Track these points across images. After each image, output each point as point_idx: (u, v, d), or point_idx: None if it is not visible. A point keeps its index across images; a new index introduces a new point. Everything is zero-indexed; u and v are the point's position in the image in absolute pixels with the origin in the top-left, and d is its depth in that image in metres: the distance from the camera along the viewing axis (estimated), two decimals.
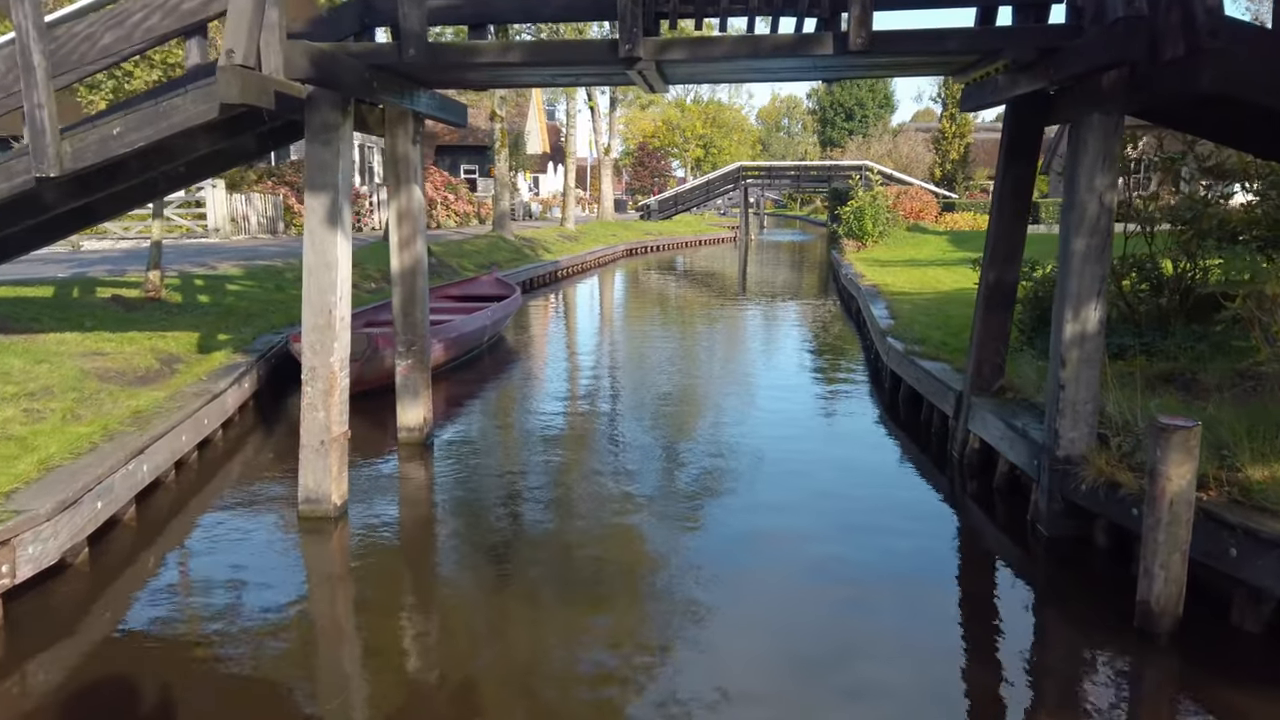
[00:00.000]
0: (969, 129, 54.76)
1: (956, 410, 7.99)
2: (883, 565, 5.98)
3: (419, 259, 8.04)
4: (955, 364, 9.15)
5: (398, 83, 7.09)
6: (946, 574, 6.01)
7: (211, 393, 8.04)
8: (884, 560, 6.06)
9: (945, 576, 5.96)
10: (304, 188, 6.28)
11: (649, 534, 6.35)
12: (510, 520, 6.72)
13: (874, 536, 6.49)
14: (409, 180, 7.88)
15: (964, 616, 5.37)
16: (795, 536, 6.45)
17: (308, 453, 6.32)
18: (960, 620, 5.31)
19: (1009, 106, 7.46)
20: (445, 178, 38.10)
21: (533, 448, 8.68)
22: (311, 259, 6.29)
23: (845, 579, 5.75)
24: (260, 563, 5.83)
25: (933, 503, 7.43)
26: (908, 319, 12.38)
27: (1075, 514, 5.94)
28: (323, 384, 6.30)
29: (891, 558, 6.09)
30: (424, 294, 8.16)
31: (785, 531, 6.56)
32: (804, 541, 6.35)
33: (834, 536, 6.47)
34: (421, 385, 8.20)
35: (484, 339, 13.32)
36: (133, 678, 4.44)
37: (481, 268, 21.97)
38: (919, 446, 8.80)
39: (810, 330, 17.30)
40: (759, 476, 7.77)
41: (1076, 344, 5.91)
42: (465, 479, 7.71)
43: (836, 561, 6.02)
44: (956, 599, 5.60)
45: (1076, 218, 5.85)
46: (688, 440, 8.96)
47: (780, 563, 6.00)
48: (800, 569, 5.91)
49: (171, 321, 10.52)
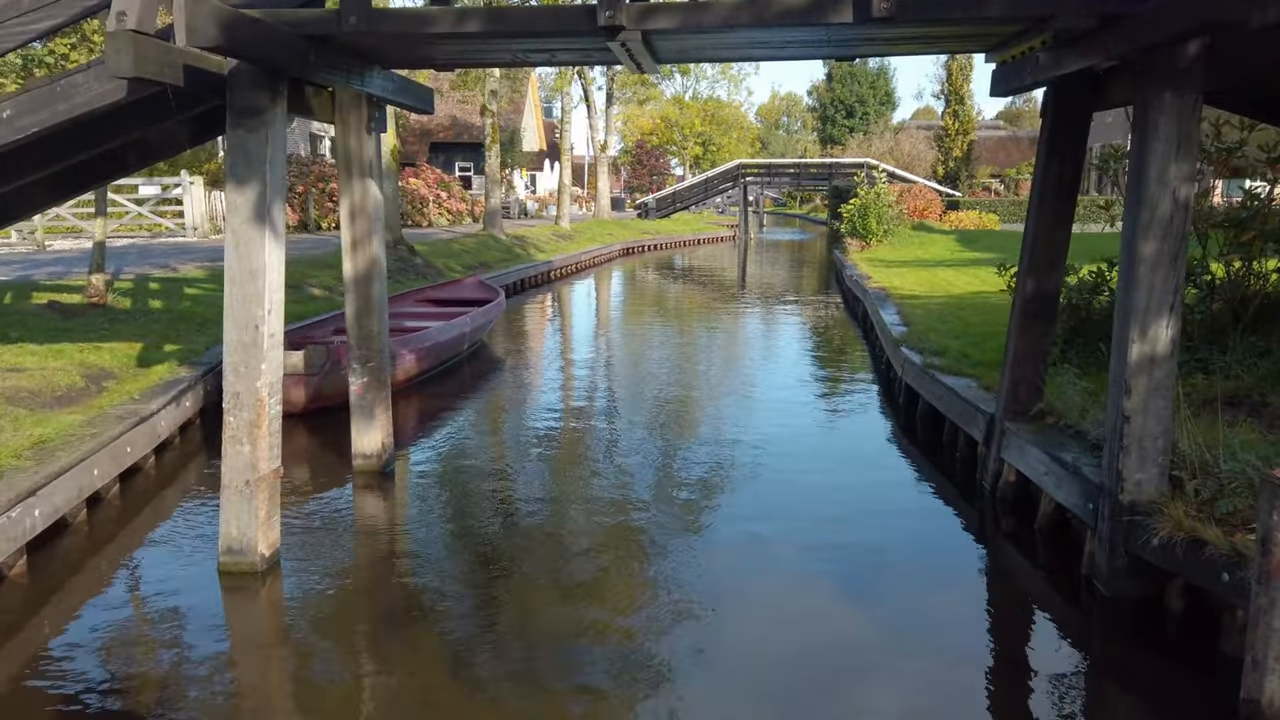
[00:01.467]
0: (972, 126, 53.79)
1: (988, 435, 7.02)
2: (905, 619, 5.05)
3: (375, 263, 7.06)
4: (982, 380, 8.17)
5: (344, 60, 6.11)
6: (981, 636, 5.04)
7: (139, 415, 7.06)
8: (906, 613, 5.11)
9: (980, 639, 4.99)
10: (226, 181, 5.31)
11: (642, 601, 5.37)
12: (479, 574, 5.71)
13: (894, 581, 5.59)
14: (363, 173, 6.90)
15: (1007, 694, 4.40)
16: (803, 578, 5.55)
17: (230, 495, 5.34)
18: (1003, 699, 4.35)
19: (1051, 89, 6.49)
20: (438, 175, 37.13)
21: (511, 477, 7.69)
22: (234, 265, 5.31)
23: (860, 639, 4.82)
24: (166, 632, 4.85)
25: (961, 542, 6.46)
26: (922, 326, 11.40)
27: (1142, 571, 4.96)
28: (248, 413, 5.32)
29: (915, 609, 5.15)
30: (381, 302, 7.18)
31: (792, 570, 5.65)
32: (812, 584, 5.41)
33: (847, 581, 5.56)
34: (379, 406, 7.22)
35: (463, 347, 12.34)
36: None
37: (470, 268, 20.99)
38: (941, 472, 7.83)
39: (814, 336, 16.32)
40: (763, 503, 6.81)
41: (1145, 368, 4.94)
42: (428, 517, 6.71)
43: (850, 614, 5.08)
44: (996, 668, 4.64)
45: (1145, 217, 4.87)
46: (684, 462, 7.96)
47: (786, 613, 5.03)
48: (808, 620, 4.96)
49: (113, 330, 9.53)
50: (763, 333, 16.91)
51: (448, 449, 8.57)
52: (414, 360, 10.47)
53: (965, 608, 5.35)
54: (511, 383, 11.87)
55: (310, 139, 32.36)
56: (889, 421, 9.65)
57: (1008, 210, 39.07)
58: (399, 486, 7.22)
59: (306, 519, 6.41)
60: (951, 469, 7.85)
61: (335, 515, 6.65)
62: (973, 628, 5.13)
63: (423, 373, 10.95)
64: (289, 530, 5.89)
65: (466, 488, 7.38)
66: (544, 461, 8.12)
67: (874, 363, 12.71)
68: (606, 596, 5.28)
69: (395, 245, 19.43)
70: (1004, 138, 64.85)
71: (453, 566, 5.82)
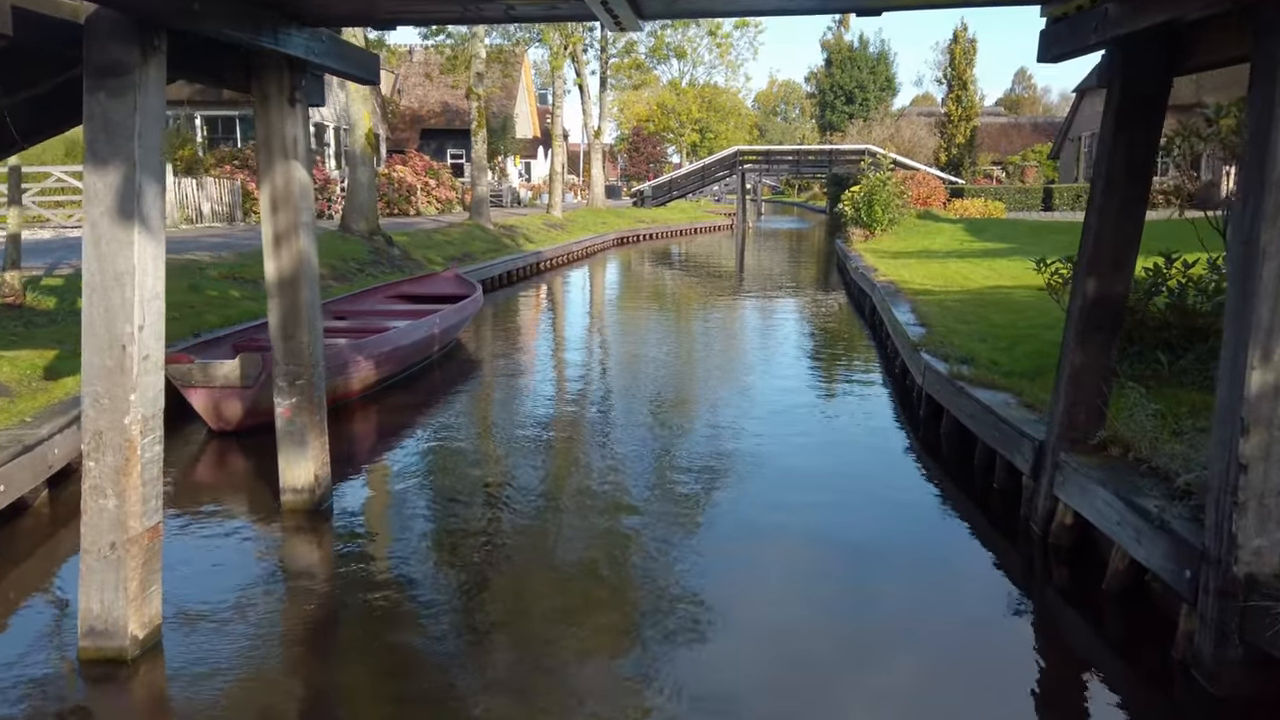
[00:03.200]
0: (975, 111, 52.62)
1: (1036, 466, 5.88)
2: (940, 701, 3.92)
3: (303, 262, 5.88)
4: (1021, 395, 7.03)
5: (248, 11, 4.92)
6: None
7: (23, 443, 5.90)
8: (942, 690, 3.98)
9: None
10: (84, 161, 4.14)
11: (630, 675, 4.23)
12: (430, 653, 4.56)
13: (924, 646, 4.50)
14: (286, 155, 5.72)
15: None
16: (813, 635, 4.45)
17: (91, 562, 4.18)
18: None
19: (1117, 51, 5.33)
20: (426, 162, 35.81)
21: (473, 516, 6.51)
22: (93, 269, 4.14)
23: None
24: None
25: (1005, 598, 5.34)
26: (941, 327, 10.25)
27: (1265, 666, 3.84)
28: (114, 457, 4.16)
29: (953, 688, 4.02)
30: (311, 308, 6.00)
31: (802, 624, 4.54)
32: (822, 651, 4.27)
33: (869, 638, 4.52)
34: (312, 430, 6.06)
35: (433, 349, 11.18)
36: None
37: (453, 260, 19.82)
38: (974, 502, 6.72)
39: (818, 336, 15.17)
40: (769, 537, 5.68)
41: (1268, 403, 3.79)
42: (366, 572, 5.51)
43: (875, 686, 3.95)
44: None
45: (1271, 205, 3.72)
46: (676, 488, 6.81)
47: (792, 690, 3.90)
48: (819, 704, 3.84)
49: (24, 336, 8.35)
50: (764, 333, 15.76)
51: (400, 476, 7.38)
52: (372, 367, 9.32)
53: (1016, 691, 4.21)
54: (485, 390, 10.71)
55: None
56: (905, 434, 8.53)
57: (1013, 198, 37.87)
58: (334, 530, 6.06)
59: (205, 581, 5.20)
60: (985, 498, 6.73)
61: (244, 573, 5.41)
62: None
63: (383, 380, 9.79)
64: (177, 600, 4.71)
65: (420, 527, 6.21)
66: (514, 491, 6.96)
67: (884, 364, 11.57)
68: (592, 677, 4.15)
69: (371, 236, 18.26)
70: (1005, 124, 63.58)
71: (400, 647, 4.61)
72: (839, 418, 9.40)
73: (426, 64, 45.48)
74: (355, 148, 17.88)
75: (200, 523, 6.14)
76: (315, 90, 6.27)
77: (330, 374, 8.48)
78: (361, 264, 16.39)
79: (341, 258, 16.13)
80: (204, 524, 6.14)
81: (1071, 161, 46.65)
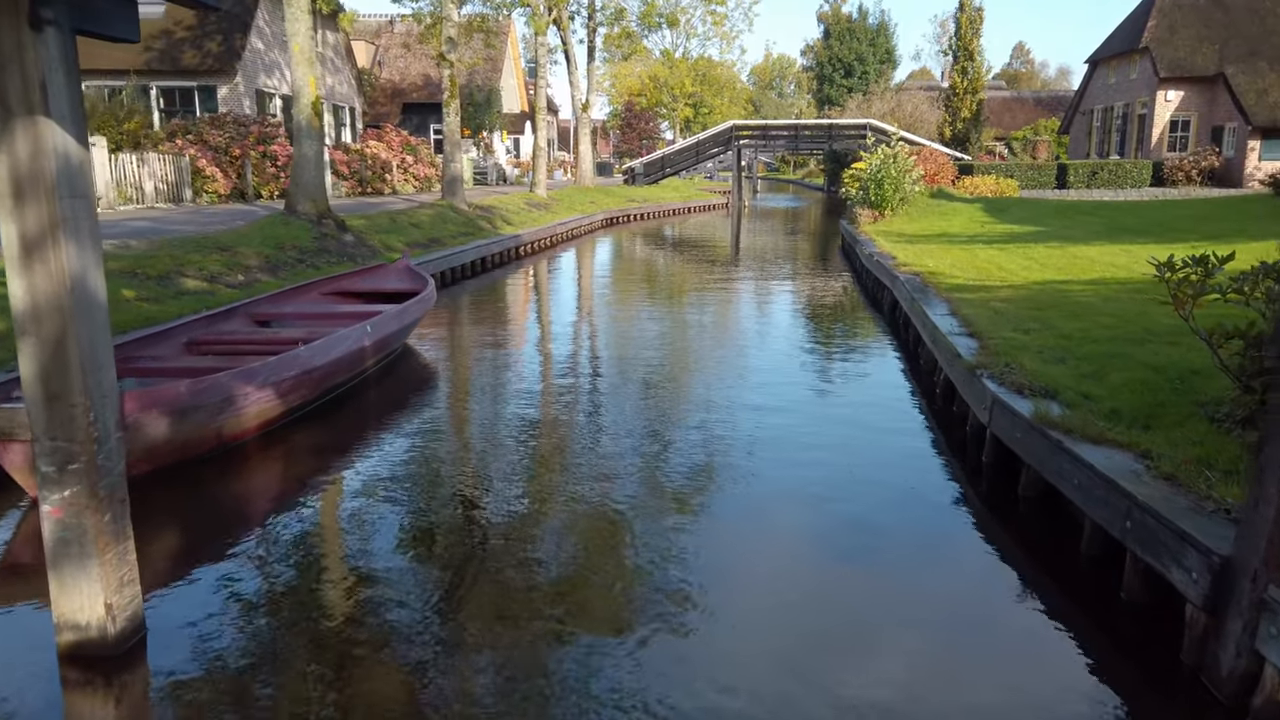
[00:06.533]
0: (982, 84, 50.19)
1: (1217, 598, 3.80)
2: None
3: (76, 282, 3.74)
4: (1147, 454, 4.96)
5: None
6: None
7: None
8: None
9: None
10: None
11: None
12: None
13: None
14: (29, 108, 3.57)
15: None
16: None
17: None
18: None
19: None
20: (404, 137, 33.47)
21: (392, 648, 4.42)
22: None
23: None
24: None
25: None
26: (996, 339, 8.15)
27: None
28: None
29: None
30: (93, 353, 3.87)
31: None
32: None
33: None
34: (100, 539, 3.95)
35: (364, 364, 9.04)
36: None
37: (416, 246, 17.66)
38: (1091, 617, 4.65)
39: (833, 337, 13.05)
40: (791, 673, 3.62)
41: None
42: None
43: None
44: None
45: None
46: (665, 561, 4.73)
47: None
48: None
49: None
50: (763, 332, 13.63)
51: (282, 575, 5.25)
52: (273, 396, 7.17)
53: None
54: (433, 415, 8.56)
55: (257, 96, 28.70)
56: (958, 487, 6.47)
57: (1025, 175, 35.67)
58: (135, 694, 3.95)
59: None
60: (1110, 620, 4.62)
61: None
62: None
63: (292, 410, 7.66)
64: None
65: (288, 692, 4.12)
66: (449, 583, 4.85)
67: (913, 380, 9.50)
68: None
69: (320, 219, 16.07)
70: (1008, 98, 61.37)
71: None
72: (872, 473, 7.26)
73: (408, 34, 43.07)
74: (301, 118, 15.65)
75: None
76: (113, 16, 4.10)
77: (210, 410, 6.38)
78: (303, 253, 14.19)
79: (278, 245, 13.92)
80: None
81: (1083, 136, 44.45)
